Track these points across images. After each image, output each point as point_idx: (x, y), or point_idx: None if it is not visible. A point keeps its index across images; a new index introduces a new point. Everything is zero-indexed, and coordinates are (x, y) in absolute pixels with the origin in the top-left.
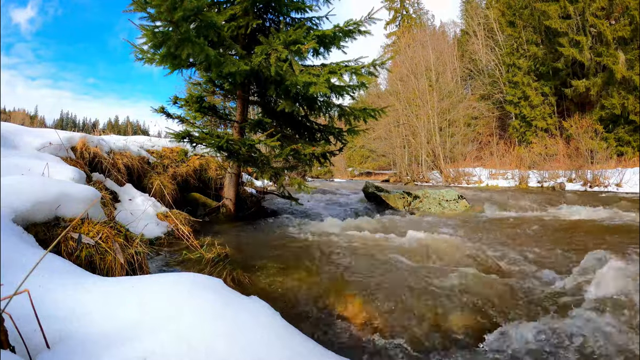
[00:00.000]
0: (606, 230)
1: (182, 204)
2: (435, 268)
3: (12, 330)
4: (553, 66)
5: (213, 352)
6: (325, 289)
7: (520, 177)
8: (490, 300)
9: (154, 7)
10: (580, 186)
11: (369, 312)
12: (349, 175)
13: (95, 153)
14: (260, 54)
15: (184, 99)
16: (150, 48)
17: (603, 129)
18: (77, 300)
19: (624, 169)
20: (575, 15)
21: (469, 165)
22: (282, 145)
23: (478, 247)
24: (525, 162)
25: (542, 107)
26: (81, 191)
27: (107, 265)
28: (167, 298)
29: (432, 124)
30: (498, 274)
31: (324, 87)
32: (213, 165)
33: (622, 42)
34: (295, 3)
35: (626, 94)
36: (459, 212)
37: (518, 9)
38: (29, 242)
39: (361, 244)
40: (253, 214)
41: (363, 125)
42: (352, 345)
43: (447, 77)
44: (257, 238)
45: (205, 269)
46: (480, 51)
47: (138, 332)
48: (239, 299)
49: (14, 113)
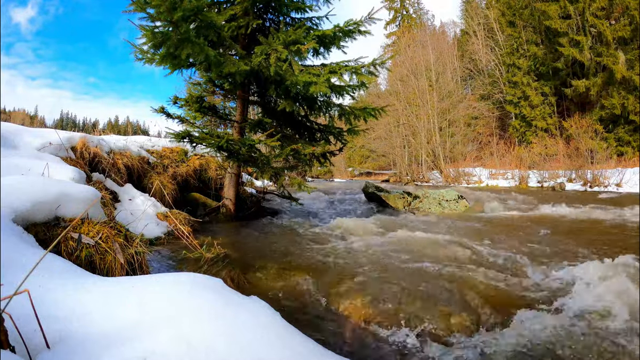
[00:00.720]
0: (607, 229)
1: (182, 204)
2: (435, 267)
3: (12, 330)
4: (553, 66)
5: (213, 352)
6: (325, 288)
7: (520, 177)
8: (490, 300)
9: (154, 7)
10: (580, 186)
11: (369, 311)
12: (349, 175)
13: (95, 153)
14: (260, 54)
15: (184, 99)
16: (150, 48)
17: (603, 129)
18: (77, 300)
19: (624, 169)
20: (575, 15)
21: (469, 165)
22: (282, 145)
23: (477, 247)
24: (525, 162)
25: (542, 107)
26: (81, 191)
27: (107, 265)
28: (167, 298)
29: (432, 124)
30: (494, 270)
31: (324, 87)
32: (213, 165)
33: (622, 42)
34: (295, 3)
35: (626, 94)
36: (459, 212)
37: (518, 9)
38: (29, 242)
39: (361, 244)
40: (253, 213)
41: (363, 125)
42: (352, 345)
43: (447, 77)
44: (257, 238)
45: (205, 268)
46: (480, 51)
47: (138, 332)
48: (238, 299)
49: (14, 113)
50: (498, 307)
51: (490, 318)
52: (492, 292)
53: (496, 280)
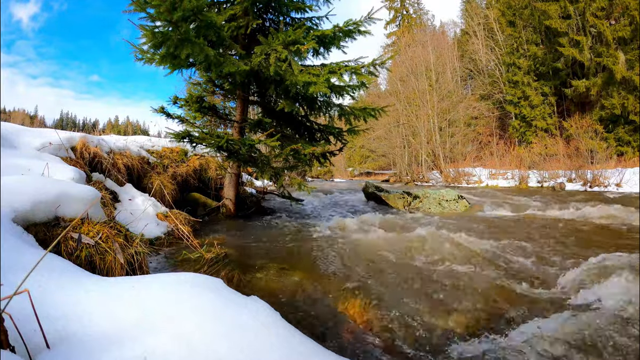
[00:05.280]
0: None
1: (182, 204)
2: (435, 267)
3: (12, 330)
4: (553, 66)
5: (213, 352)
6: (325, 288)
7: (520, 177)
8: (490, 300)
9: (154, 7)
10: (580, 186)
11: (369, 311)
12: (349, 175)
13: (95, 153)
14: (260, 54)
15: (184, 99)
16: (150, 48)
17: (603, 129)
18: (77, 300)
19: (624, 169)
20: (575, 15)
21: (469, 165)
22: (282, 145)
23: (477, 247)
24: (525, 162)
25: (542, 107)
26: (81, 191)
27: (107, 265)
28: (167, 298)
29: (432, 124)
30: (494, 270)
31: (324, 87)
32: (213, 165)
33: (622, 42)
34: (295, 3)
35: (626, 94)
36: (459, 212)
37: (518, 9)
38: (29, 242)
39: (361, 244)
40: (253, 213)
41: (363, 125)
42: (353, 345)
43: (447, 77)
44: (257, 238)
45: (205, 268)
46: (480, 51)
47: (138, 332)
48: (239, 299)
49: (14, 113)
50: (498, 307)
51: (491, 318)
52: (493, 292)
53: (496, 280)
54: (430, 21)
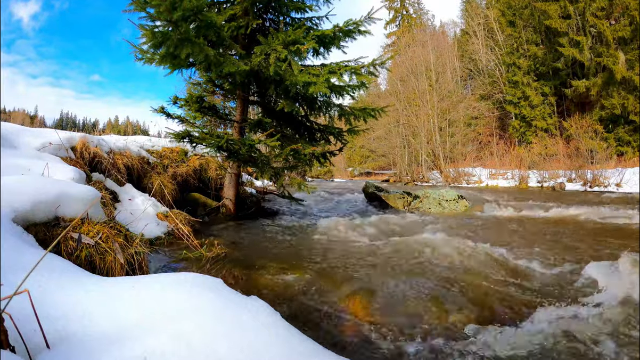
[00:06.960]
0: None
1: (182, 204)
2: (435, 267)
3: (12, 330)
4: (553, 66)
5: (213, 352)
6: (325, 288)
7: (520, 177)
8: (491, 299)
9: (154, 6)
10: (580, 186)
11: (369, 311)
12: (349, 175)
13: (95, 153)
14: (260, 54)
15: (183, 99)
16: (149, 48)
17: (603, 129)
18: (77, 300)
19: (624, 169)
20: (575, 15)
21: (469, 165)
22: (282, 145)
23: (477, 247)
24: (525, 162)
25: (542, 107)
26: (81, 191)
27: (107, 265)
28: (167, 298)
29: (432, 124)
30: (495, 270)
31: (324, 87)
32: (213, 165)
33: (622, 42)
34: (295, 3)
35: (626, 94)
36: (459, 212)
37: (518, 9)
38: (29, 242)
39: (361, 244)
40: (253, 213)
41: (363, 125)
42: (353, 345)
43: (447, 77)
44: (257, 238)
45: (205, 268)
46: (480, 51)
47: (138, 332)
48: (239, 299)
49: (14, 113)
50: (499, 307)
51: (491, 317)
52: (493, 292)
53: (497, 279)
54: (430, 21)
